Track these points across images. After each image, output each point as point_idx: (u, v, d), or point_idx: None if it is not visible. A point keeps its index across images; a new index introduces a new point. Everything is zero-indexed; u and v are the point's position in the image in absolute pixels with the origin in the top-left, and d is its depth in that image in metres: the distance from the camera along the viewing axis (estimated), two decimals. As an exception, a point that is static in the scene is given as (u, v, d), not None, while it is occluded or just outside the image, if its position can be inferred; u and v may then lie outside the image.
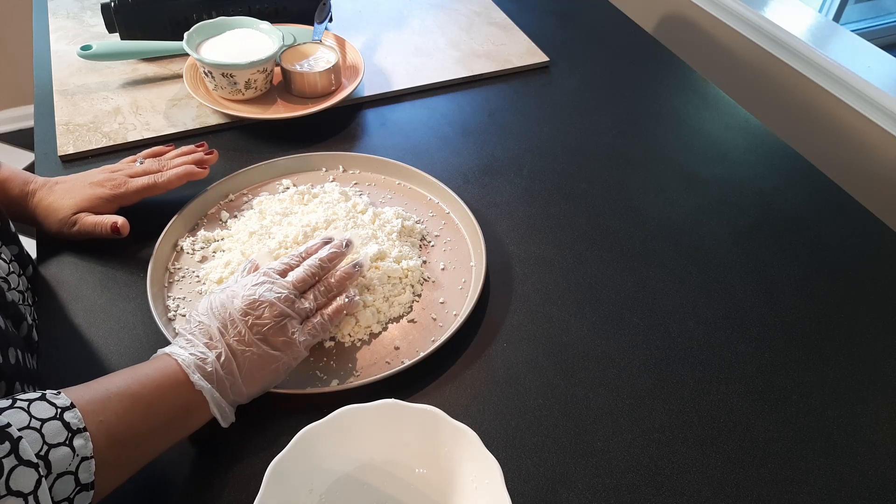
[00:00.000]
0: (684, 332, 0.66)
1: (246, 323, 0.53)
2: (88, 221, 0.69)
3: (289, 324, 0.54)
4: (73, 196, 0.70)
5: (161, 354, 0.52)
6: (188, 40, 0.85)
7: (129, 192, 0.71)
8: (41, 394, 0.42)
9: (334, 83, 0.89)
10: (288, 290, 0.56)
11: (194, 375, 0.50)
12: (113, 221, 0.68)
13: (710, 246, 0.75)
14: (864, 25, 1.69)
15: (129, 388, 0.47)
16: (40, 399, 0.42)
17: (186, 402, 0.50)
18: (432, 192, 0.77)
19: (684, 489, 0.54)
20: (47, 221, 0.70)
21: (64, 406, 0.42)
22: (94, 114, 0.88)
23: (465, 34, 1.06)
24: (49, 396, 0.42)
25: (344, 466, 0.53)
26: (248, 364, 0.52)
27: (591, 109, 0.93)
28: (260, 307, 0.53)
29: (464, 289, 0.68)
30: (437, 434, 0.53)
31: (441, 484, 0.52)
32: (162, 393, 0.49)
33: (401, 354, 0.62)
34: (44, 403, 0.41)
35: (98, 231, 0.69)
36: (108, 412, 0.45)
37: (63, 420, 0.41)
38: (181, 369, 0.50)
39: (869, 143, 1.19)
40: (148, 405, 0.48)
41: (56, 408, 0.42)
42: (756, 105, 1.34)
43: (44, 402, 0.42)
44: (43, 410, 0.41)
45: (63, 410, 0.42)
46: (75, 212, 0.69)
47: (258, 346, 0.53)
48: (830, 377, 0.63)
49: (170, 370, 0.50)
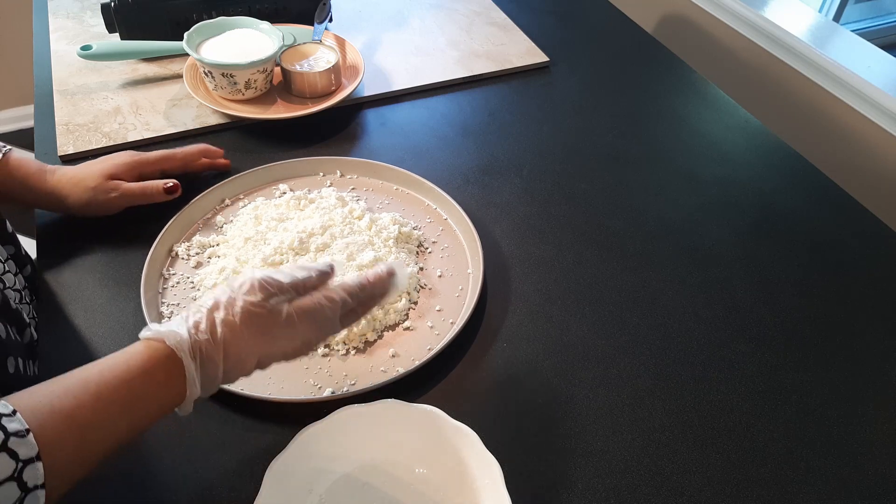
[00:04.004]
0: (684, 332, 0.66)
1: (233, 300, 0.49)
2: (134, 187, 0.69)
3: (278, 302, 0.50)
4: (97, 164, 0.71)
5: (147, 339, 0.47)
6: (188, 40, 0.85)
7: (149, 158, 0.73)
8: (3, 435, 0.38)
9: (334, 83, 0.89)
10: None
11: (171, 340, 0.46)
12: (164, 183, 0.68)
13: (710, 246, 0.75)
14: (864, 25, 1.69)
15: (85, 373, 0.44)
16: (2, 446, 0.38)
17: (172, 392, 0.46)
18: (430, 197, 0.77)
19: (684, 489, 0.54)
20: (74, 192, 0.69)
21: (19, 465, 0.38)
22: (94, 114, 0.88)
23: (465, 34, 1.06)
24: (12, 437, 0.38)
25: (344, 466, 0.53)
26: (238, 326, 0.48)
27: (591, 109, 0.94)
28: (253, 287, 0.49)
29: (461, 296, 0.68)
30: (437, 434, 0.53)
31: (441, 484, 0.52)
32: (146, 385, 0.45)
33: (397, 363, 0.62)
34: (4, 456, 0.38)
35: (148, 194, 0.69)
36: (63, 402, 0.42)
37: (21, 479, 0.38)
38: (172, 358, 0.46)
39: (869, 143, 1.19)
40: (136, 399, 0.44)
41: (14, 462, 0.38)
42: (756, 105, 1.33)
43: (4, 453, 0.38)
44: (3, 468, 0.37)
45: (20, 470, 0.38)
46: (107, 177, 0.69)
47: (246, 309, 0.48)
48: (830, 377, 0.63)
49: (141, 349, 0.46)
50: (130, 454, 0.55)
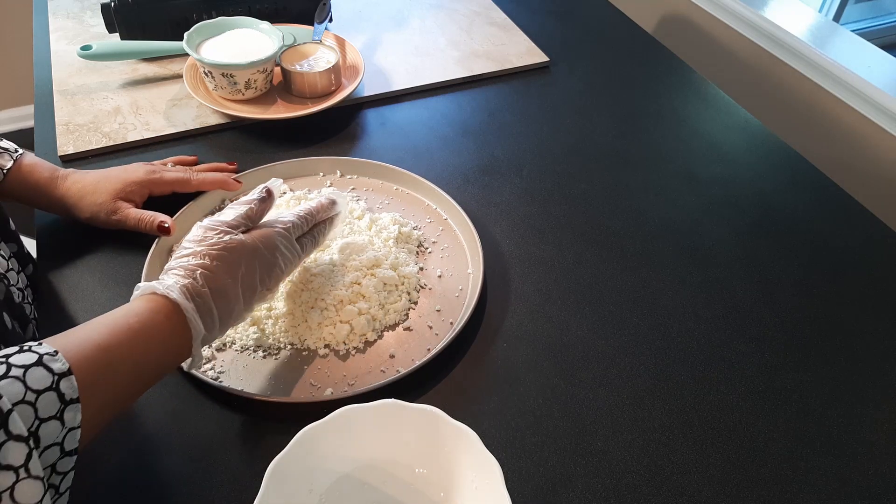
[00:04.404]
0: (684, 332, 0.66)
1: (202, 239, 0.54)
2: (132, 214, 0.69)
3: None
4: (108, 180, 0.70)
5: (141, 295, 0.51)
6: (188, 40, 0.85)
7: (162, 179, 0.72)
8: (38, 357, 0.41)
9: (334, 83, 0.89)
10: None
11: (177, 295, 0.49)
12: (161, 220, 0.68)
13: (710, 246, 0.75)
14: (864, 25, 1.69)
15: (119, 342, 0.46)
16: (37, 364, 0.40)
17: (176, 340, 0.50)
18: (430, 197, 0.77)
19: (684, 489, 0.54)
20: (81, 204, 0.69)
21: (61, 373, 0.41)
22: (94, 114, 0.88)
23: (465, 34, 1.06)
24: (46, 360, 0.41)
25: (344, 466, 0.53)
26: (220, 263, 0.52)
27: (591, 109, 0.94)
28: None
29: (460, 297, 0.68)
30: (437, 434, 0.53)
31: (441, 484, 0.52)
32: (151, 337, 0.48)
33: (396, 363, 0.62)
34: (40, 370, 0.40)
35: (141, 227, 0.68)
36: (105, 376, 0.44)
37: (58, 391, 0.40)
38: (164, 301, 0.49)
39: (869, 143, 1.19)
40: (138, 354, 0.47)
41: (53, 375, 0.41)
42: (756, 105, 1.34)
43: (40, 367, 0.40)
44: (39, 380, 0.40)
45: (59, 378, 0.41)
46: (115, 198, 0.69)
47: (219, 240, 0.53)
48: (830, 377, 0.63)
49: (153, 305, 0.49)
50: (130, 454, 0.55)
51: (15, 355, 0.40)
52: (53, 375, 0.40)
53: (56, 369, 0.41)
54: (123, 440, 0.56)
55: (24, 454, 0.37)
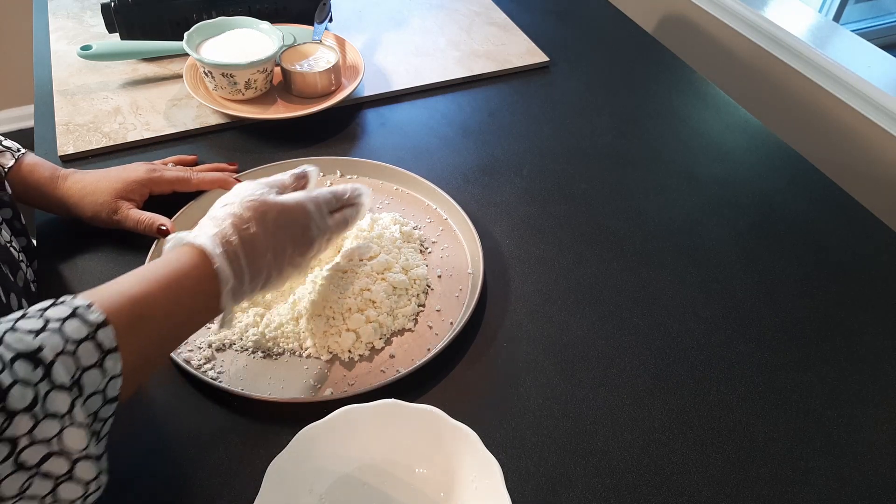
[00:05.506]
0: (684, 332, 0.66)
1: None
2: (132, 216, 0.69)
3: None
4: (108, 179, 0.70)
5: (178, 246, 0.52)
6: (188, 40, 0.85)
7: (162, 179, 0.72)
8: (73, 309, 0.41)
9: (334, 83, 0.89)
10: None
11: (216, 250, 0.50)
12: (160, 223, 0.68)
13: (710, 246, 0.75)
14: (864, 25, 1.69)
15: (151, 293, 0.46)
16: (72, 316, 0.41)
17: (205, 288, 0.50)
18: (430, 197, 0.77)
19: (684, 489, 0.54)
20: (82, 203, 0.69)
21: (97, 323, 0.41)
22: (94, 114, 0.88)
23: (465, 34, 1.06)
24: (81, 312, 0.42)
25: (344, 466, 0.53)
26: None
27: (591, 109, 0.94)
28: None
29: (460, 297, 0.68)
30: (437, 434, 0.53)
31: (441, 484, 0.52)
32: (182, 286, 0.48)
33: (396, 363, 0.62)
34: (76, 322, 0.41)
35: (140, 228, 0.68)
36: (139, 326, 0.45)
37: (96, 341, 0.41)
38: (194, 249, 0.50)
39: (869, 143, 1.19)
40: (171, 304, 0.47)
41: (90, 326, 0.41)
42: (756, 105, 1.33)
43: (77, 319, 0.41)
44: (76, 330, 0.40)
45: (96, 329, 0.41)
46: (116, 198, 0.69)
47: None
48: (830, 377, 0.63)
49: (184, 255, 0.50)
50: (130, 454, 0.55)
51: (50, 309, 0.41)
52: (90, 326, 0.41)
53: (92, 320, 0.41)
54: (123, 440, 0.56)
55: (68, 403, 0.38)
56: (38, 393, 0.37)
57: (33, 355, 0.38)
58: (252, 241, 0.52)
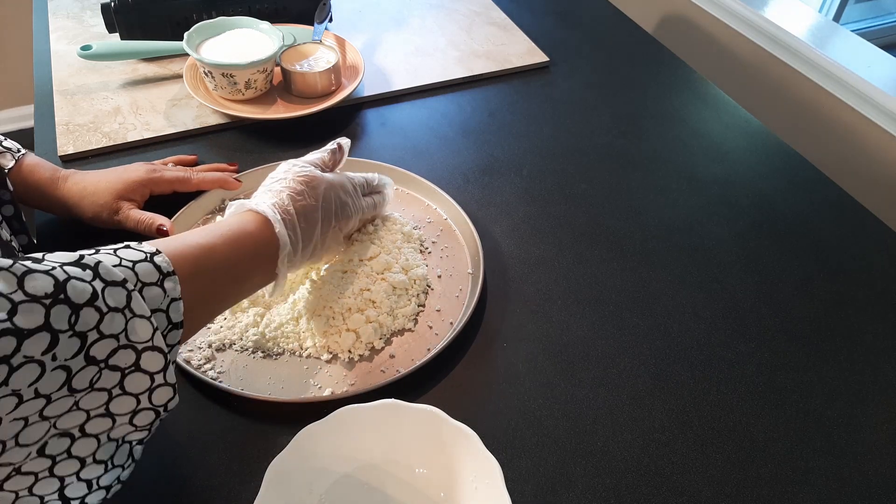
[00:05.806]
0: (684, 332, 0.66)
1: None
2: (132, 216, 0.69)
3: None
4: (109, 180, 0.70)
5: (240, 212, 0.55)
6: (188, 40, 0.85)
7: (162, 178, 0.72)
8: (124, 244, 0.43)
9: (334, 83, 0.89)
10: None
11: (275, 216, 0.54)
12: (160, 223, 0.68)
13: (710, 246, 0.75)
14: (864, 25, 1.69)
15: (214, 245, 0.50)
16: (124, 247, 0.43)
17: (263, 251, 0.54)
18: (430, 197, 0.77)
19: (684, 489, 0.54)
20: (83, 204, 0.69)
21: (151, 252, 0.43)
22: (94, 114, 0.88)
23: (465, 34, 1.06)
24: (133, 245, 0.44)
25: (344, 466, 0.53)
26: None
27: (591, 109, 0.94)
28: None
29: (460, 297, 0.68)
30: (437, 434, 0.53)
31: (441, 484, 0.52)
32: (244, 244, 0.52)
33: (396, 363, 0.62)
34: (130, 250, 0.43)
35: (140, 229, 0.69)
36: (202, 274, 0.47)
37: (154, 262, 0.43)
38: (255, 214, 0.54)
39: (869, 143, 1.19)
40: (232, 259, 0.51)
41: (144, 252, 0.43)
42: (756, 105, 1.34)
43: (129, 248, 0.43)
44: (132, 255, 0.42)
45: (151, 255, 0.43)
46: (116, 198, 0.69)
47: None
48: (830, 377, 0.63)
49: (245, 218, 0.54)
50: (130, 454, 0.55)
51: (122, 250, 0.43)
52: (160, 274, 0.43)
53: (163, 268, 0.43)
54: (123, 440, 0.56)
55: (151, 331, 0.40)
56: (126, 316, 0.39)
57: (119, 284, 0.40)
58: (305, 212, 0.57)
